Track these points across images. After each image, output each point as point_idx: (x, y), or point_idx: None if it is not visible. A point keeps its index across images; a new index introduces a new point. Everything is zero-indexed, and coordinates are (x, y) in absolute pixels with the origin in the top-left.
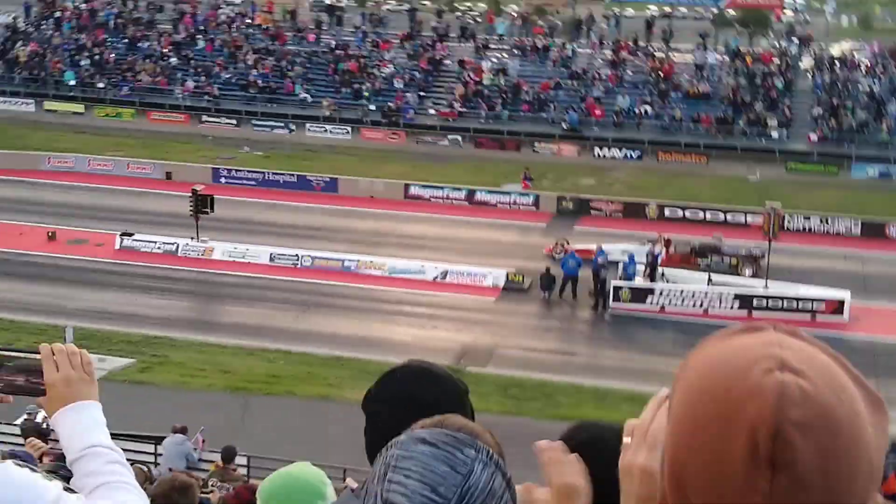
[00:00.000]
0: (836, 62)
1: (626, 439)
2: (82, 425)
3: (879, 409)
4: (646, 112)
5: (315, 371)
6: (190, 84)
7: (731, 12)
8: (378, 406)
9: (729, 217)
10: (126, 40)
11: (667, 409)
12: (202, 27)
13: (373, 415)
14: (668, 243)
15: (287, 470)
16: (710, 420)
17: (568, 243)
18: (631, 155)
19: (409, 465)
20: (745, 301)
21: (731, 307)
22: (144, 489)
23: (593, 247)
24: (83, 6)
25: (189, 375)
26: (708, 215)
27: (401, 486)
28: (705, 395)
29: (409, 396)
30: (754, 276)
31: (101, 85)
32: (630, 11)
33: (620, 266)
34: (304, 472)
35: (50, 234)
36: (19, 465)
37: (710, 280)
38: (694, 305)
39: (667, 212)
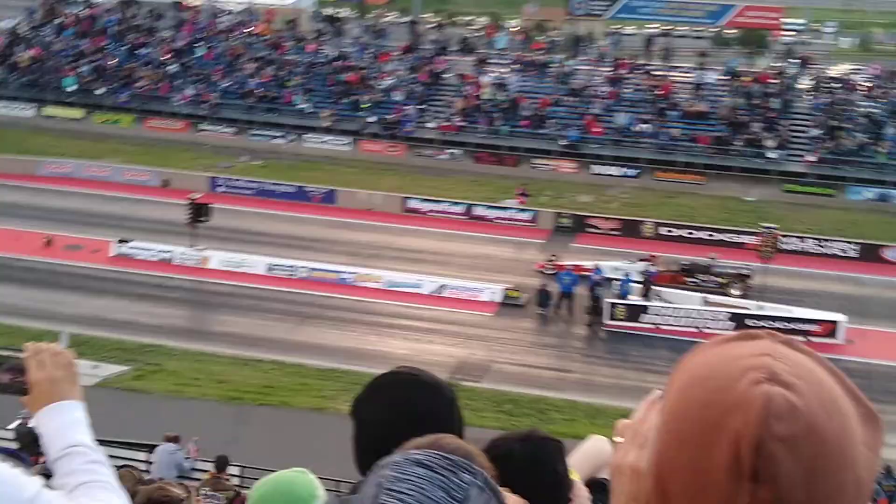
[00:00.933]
0: (835, 84)
1: (617, 438)
2: (64, 424)
3: (875, 427)
4: (644, 130)
5: (309, 382)
6: (189, 92)
7: (731, 32)
8: (367, 412)
9: (725, 237)
10: (126, 47)
11: (658, 411)
12: (202, 35)
13: (362, 421)
14: (655, 260)
15: (280, 475)
16: (695, 427)
17: (558, 259)
18: (629, 173)
19: (404, 489)
20: (738, 321)
21: (726, 327)
22: (134, 492)
23: (587, 263)
24: (84, 12)
25: (183, 384)
26: (704, 235)
27: None
28: (693, 401)
29: (398, 402)
30: (743, 295)
31: (100, 91)
32: (630, 29)
33: (616, 284)
34: (297, 478)
35: (46, 239)
36: (3, 459)
37: (706, 300)
38: (688, 324)
39: (663, 230)
